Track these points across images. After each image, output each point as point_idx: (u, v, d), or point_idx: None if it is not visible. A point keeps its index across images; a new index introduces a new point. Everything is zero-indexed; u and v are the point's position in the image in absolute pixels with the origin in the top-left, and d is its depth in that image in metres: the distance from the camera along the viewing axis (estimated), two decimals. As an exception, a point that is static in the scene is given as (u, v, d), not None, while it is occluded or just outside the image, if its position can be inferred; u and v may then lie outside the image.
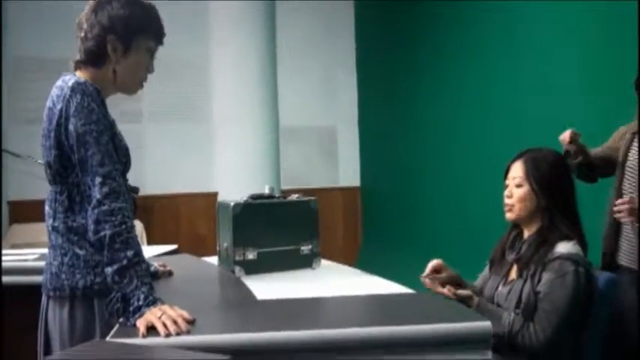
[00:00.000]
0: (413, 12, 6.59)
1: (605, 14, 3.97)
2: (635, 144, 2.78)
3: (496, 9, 5.16)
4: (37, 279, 2.20)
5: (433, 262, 2.62)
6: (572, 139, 2.86)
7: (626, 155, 2.78)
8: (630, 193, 2.70)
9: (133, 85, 2.20)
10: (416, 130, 6.60)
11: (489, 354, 1.81)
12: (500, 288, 2.55)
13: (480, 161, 5.34)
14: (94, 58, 2.09)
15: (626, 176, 2.75)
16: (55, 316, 2.06)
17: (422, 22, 6.41)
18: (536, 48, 4.71)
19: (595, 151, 2.96)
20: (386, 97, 7.30)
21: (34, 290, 2.23)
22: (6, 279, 2.95)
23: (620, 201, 2.54)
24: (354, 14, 8.05)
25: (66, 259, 2.04)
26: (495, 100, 5.23)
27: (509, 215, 2.57)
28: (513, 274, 2.54)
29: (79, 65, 2.11)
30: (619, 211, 2.56)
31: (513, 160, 2.60)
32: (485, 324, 1.83)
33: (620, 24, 3.75)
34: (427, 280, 2.52)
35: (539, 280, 2.39)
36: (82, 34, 2.10)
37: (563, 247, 2.40)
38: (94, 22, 2.07)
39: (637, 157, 2.73)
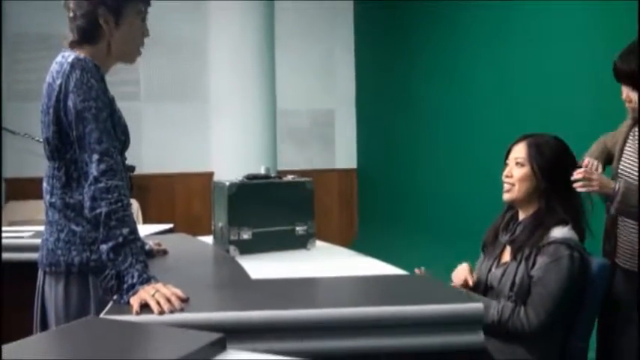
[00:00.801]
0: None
1: (609, 9, 3.94)
2: (632, 137, 2.71)
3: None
4: (33, 256, 2.21)
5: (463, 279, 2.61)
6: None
7: (622, 148, 2.72)
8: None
9: (131, 53, 2.18)
10: (413, 113, 6.59)
11: (482, 335, 1.82)
12: (493, 270, 2.56)
13: (477, 145, 5.35)
14: (87, 35, 2.07)
15: (621, 165, 2.69)
16: (51, 292, 2.07)
17: (421, 5, 6.38)
18: (536, 30, 4.70)
19: (595, 149, 2.86)
20: (383, 81, 7.28)
21: (30, 267, 2.24)
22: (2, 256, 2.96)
23: (576, 172, 2.48)
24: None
25: (62, 235, 2.05)
26: (493, 83, 5.23)
27: (507, 195, 2.57)
28: (507, 256, 2.55)
29: (73, 45, 2.10)
30: (575, 181, 2.49)
31: (516, 142, 2.60)
32: (478, 306, 1.84)
33: (623, 20, 3.71)
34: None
35: (533, 264, 2.40)
36: (71, 14, 2.08)
37: (559, 232, 2.41)
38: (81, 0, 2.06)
39: (632, 148, 2.67)
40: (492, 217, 2.73)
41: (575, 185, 2.44)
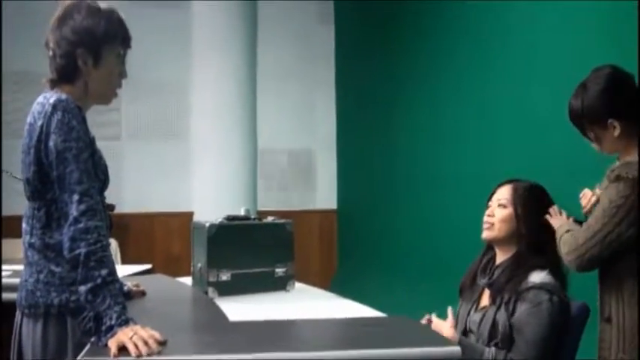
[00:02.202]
0: (392, 38, 6.64)
1: (596, 52, 3.96)
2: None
3: (474, 37, 5.23)
4: (9, 296, 2.19)
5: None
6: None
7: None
8: None
9: (107, 95, 2.19)
10: (393, 154, 6.63)
11: (459, 379, 1.83)
12: (472, 313, 2.56)
13: (457, 187, 5.38)
14: (65, 74, 2.08)
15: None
16: (28, 333, 2.04)
17: (401, 48, 6.46)
18: (520, 75, 4.74)
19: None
20: (364, 121, 7.33)
21: (7, 307, 2.21)
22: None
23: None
24: (335, 39, 8.09)
25: (41, 277, 2.03)
26: (474, 127, 5.27)
27: (486, 233, 2.58)
28: (485, 300, 2.55)
29: (52, 84, 2.11)
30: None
31: (501, 185, 2.63)
32: (455, 349, 1.85)
33: (615, 40, 3.70)
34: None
35: (513, 311, 2.40)
36: (51, 53, 2.10)
37: (537, 277, 2.42)
38: (59, 39, 2.07)
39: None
40: (471, 259, 2.74)
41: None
